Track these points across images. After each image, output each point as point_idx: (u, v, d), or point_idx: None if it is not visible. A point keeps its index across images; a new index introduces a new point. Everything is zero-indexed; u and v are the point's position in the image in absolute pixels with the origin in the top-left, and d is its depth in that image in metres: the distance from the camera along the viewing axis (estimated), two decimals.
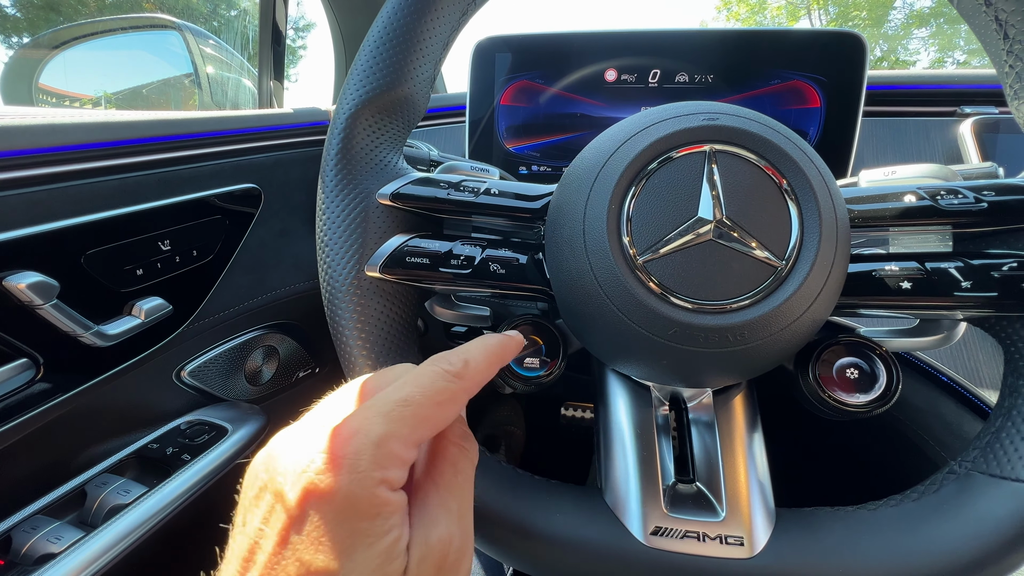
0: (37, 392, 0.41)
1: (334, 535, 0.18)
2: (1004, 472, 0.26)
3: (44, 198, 0.40)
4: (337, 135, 0.32)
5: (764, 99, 0.58)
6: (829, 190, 0.25)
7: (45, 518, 0.45)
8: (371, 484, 0.18)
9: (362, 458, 0.18)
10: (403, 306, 0.32)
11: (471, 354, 0.23)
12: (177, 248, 0.50)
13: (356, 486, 0.18)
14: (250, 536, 0.19)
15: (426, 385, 0.21)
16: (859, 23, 10.91)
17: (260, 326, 0.65)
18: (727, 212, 0.24)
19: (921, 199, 0.28)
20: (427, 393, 0.21)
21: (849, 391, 0.28)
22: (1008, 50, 0.27)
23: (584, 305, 0.26)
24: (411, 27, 0.31)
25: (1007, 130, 0.56)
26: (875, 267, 0.28)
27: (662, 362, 0.26)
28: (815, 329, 0.26)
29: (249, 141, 0.58)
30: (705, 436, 0.31)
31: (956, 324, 0.31)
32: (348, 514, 0.18)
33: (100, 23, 1.08)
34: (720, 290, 0.24)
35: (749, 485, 0.29)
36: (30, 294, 0.38)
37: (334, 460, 0.18)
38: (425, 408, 0.20)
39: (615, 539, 0.28)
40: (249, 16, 0.97)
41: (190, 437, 0.55)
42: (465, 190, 0.31)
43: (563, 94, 0.61)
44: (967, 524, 0.25)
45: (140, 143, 0.47)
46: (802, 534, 0.27)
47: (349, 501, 0.18)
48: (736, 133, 0.25)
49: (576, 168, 0.28)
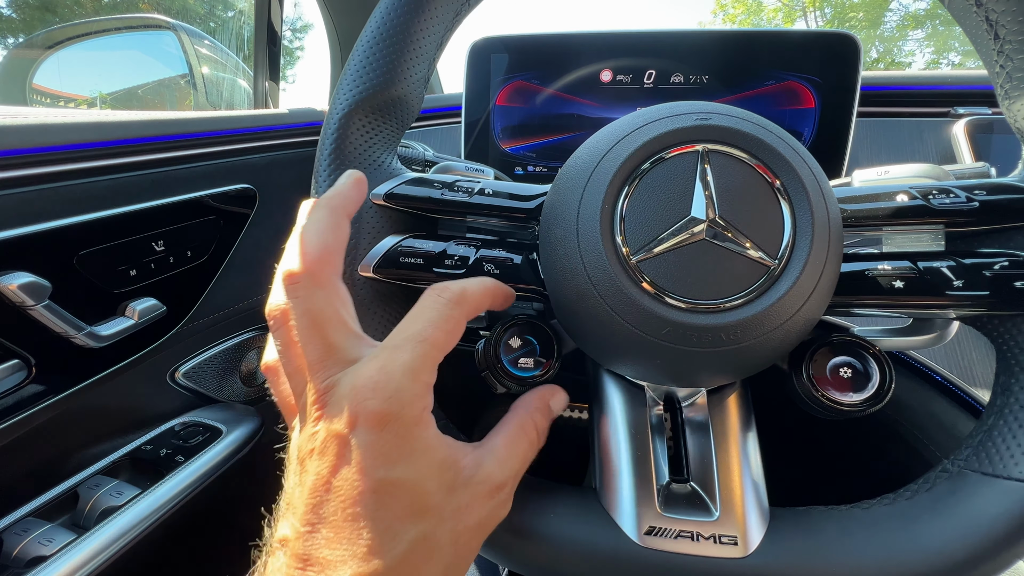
0: (29, 394, 0.41)
1: (391, 448, 0.21)
2: (996, 470, 0.26)
3: (37, 198, 0.40)
4: (330, 135, 0.32)
5: (759, 100, 0.58)
6: (822, 190, 0.25)
7: (37, 520, 0.44)
8: (417, 411, 0.22)
9: (404, 391, 0.21)
10: (397, 307, 0.32)
11: (468, 284, 0.26)
12: (171, 249, 0.50)
13: (404, 411, 0.21)
14: (311, 475, 0.21)
15: (434, 318, 0.24)
16: (855, 24, 10.96)
17: (255, 327, 0.64)
18: (720, 212, 0.24)
19: (913, 199, 0.28)
20: (436, 323, 0.24)
21: (842, 390, 0.29)
22: (999, 50, 0.27)
23: (578, 305, 0.26)
24: (404, 27, 0.31)
25: (1000, 131, 0.56)
26: (868, 266, 0.28)
27: (656, 362, 0.26)
28: (808, 328, 0.26)
29: (244, 141, 0.58)
30: (699, 436, 0.31)
31: (949, 323, 0.31)
32: (401, 433, 0.21)
33: (95, 23, 1.08)
34: (713, 289, 0.24)
35: (743, 485, 0.29)
36: (22, 295, 0.38)
37: (380, 395, 0.21)
38: (438, 338, 0.23)
39: (609, 539, 0.28)
40: (245, 17, 0.97)
41: (184, 438, 0.55)
42: (459, 190, 0.31)
43: (559, 95, 0.61)
44: (960, 522, 0.25)
45: (134, 143, 0.47)
46: (796, 533, 0.27)
47: (400, 422, 0.21)
48: (729, 133, 0.25)
49: (570, 168, 0.28)
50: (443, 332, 0.24)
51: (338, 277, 0.25)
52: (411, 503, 0.21)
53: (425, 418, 0.22)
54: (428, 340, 0.23)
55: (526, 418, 0.28)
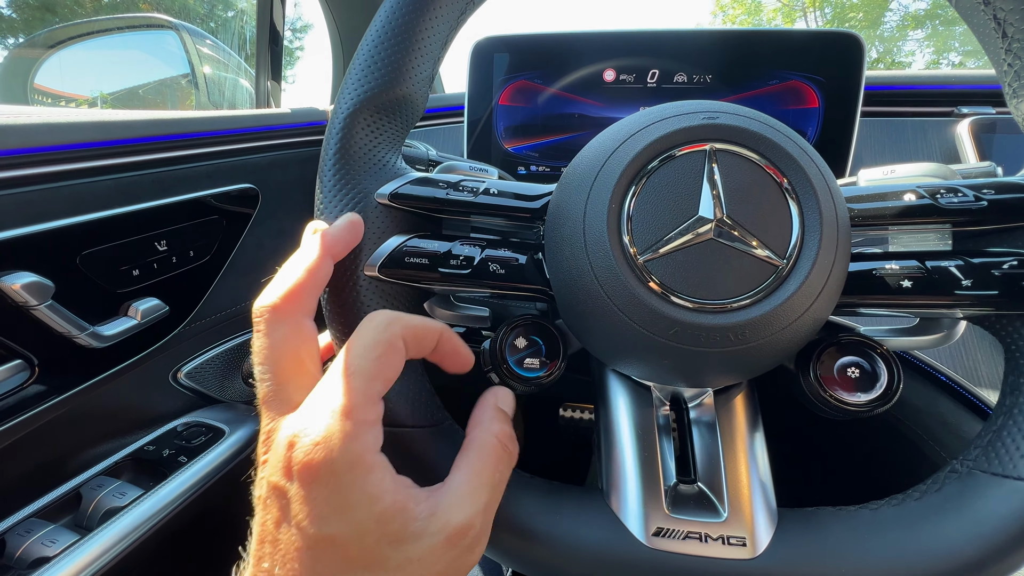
0: (32, 394, 0.41)
1: (326, 504, 0.19)
2: (1006, 471, 0.26)
3: (39, 198, 0.40)
4: (335, 135, 0.31)
5: (762, 99, 0.58)
6: (830, 189, 0.25)
7: (40, 521, 0.44)
8: (356, 452, 0.20)
9: (334, 431, 0.20)
10: (402, 307, 0.32)
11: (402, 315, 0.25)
12: (174, 249, 0.50)
13: (336, 456, 0.20)
14: (257, 526, 0.21)
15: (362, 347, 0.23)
16: (855, 25, 10.95)
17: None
18: (728, 211, 0.24)
19: (921, 198, 0.28)
20: (364, 352, 0.22)
21: (850, 390, 0.28)
22: (1007, 48, 0.27)
23: (584, 305, 0.26)
24: (409, 26, 0.31)
25: (1004, 130, 0.56)
26: (875, 266, 0.27)
27: (663, 362, 0.26)
28: (816, 328, 0.26)
29: (246, 141, 0.58)
30: (706, 436, 0.31)
31: (956, 323, 0.31)
32: (335, 483, 0.20)
33: (96, 23, 1.08)
34: (721, 289, 0.24)
35: (751, 485, 0.29)
36: (25, 295, 0.38)
37: (309, 441, 0.20)
38: (368, 367, 0.22)
39: (617, 540, 0.28)
40: (246, 16, 0.97)
41: (187, 439, 0.55)
42: (464, 190, 0.31)
43: (562, 94, 0.61)
44: (969, 523, 0.25)
45: (136, 143, 0.47)
46: (804, 534, 0.27)
47: (332, 471, 0.20)
48: (736, 132, 0.25)
49: (576, 167, 0.28)
50: (372, 361, 0.22)
51: (304, 315, 0.24)
52: (348, 559, 0.19)
53: (365, 461, 0.20)
54: (358, 373, 0.21)
55: (485, 438, 0.25)
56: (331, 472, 0.19)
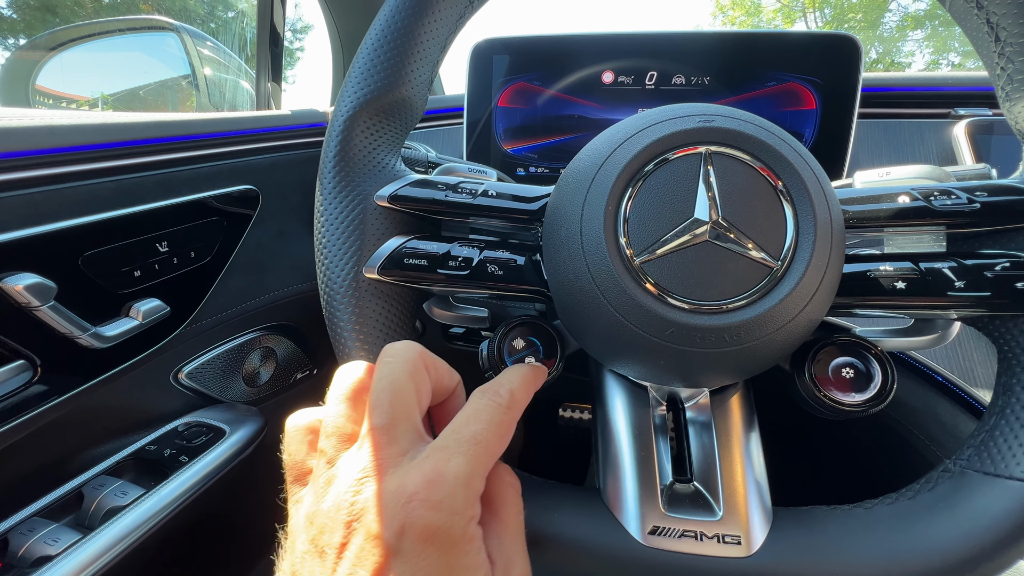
0: (34, 394, 0.41)
1: (434, 570, 0.19)
2: (998, 470, 0.26)
3: (41, 199, 0.40)
4: (335, 137, 0.32)
5: (760, 101, 0.58)
6: (824, 191, 0.25)
7: (42, 520, 0.45)
8: (465, 522, 0.20)
9: (457, 499, 0.20)
10: (401, 308, 0.32)
11: (513, 384, 0.26)
12: (175, 250, 0.50)
13: (454, 523, 0.19)
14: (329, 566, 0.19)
15: (488, 420, 0.23)
16: (855, 25, 10.96)
17: (258, 328, 0.65)
18: (723, 213, 0.24)
19: (915, 200, 0.28)
20: (490, 427, 0.23)
21: (845, 390, 0.29)
22: (999, 52, 0.27)
23: (581, 306, 0.26)
24: (409, 29, 0.31)
25: (1000, 132, 0.56)
26: (870, 267, 0.28)
27: (659, 362, 0.26)
28: (811, 329, 0.26)
29: (247, 143, 0.58)
30: (702, 436, 0.31)
31: (950, 324, 0.31)
32: (447, 549, 0.19)
33: (97, 24, 1.08)
34: (716, 290, 0.24)
35: (746, 484, 0.29)
36: (28, 295, 0.38)
37: (430, 502, 0.19)
38: (492, 443, 0.22)
39: (613, 539, 0.28)
40: (247, 18, 0.98)
41: (188, 439, 0.55)
42: (463, 192, 0.31)
43: (560, 96, 0.61)
44: (962, 522, 0.25)
45: (137, 144, 0.47)
46: (799, 533, 0.27)
47: (448, 537, 0.19)
48: (731, 135, 0.25)
49: (573, 170, 0.28)
50: (496, 436, 0.23)
51: (425, 372, 0.24)
52: None
53: (471, 532, 0.20)
54: (482, 443, 0.22)
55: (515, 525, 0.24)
56: (447, 538, 0.19)
